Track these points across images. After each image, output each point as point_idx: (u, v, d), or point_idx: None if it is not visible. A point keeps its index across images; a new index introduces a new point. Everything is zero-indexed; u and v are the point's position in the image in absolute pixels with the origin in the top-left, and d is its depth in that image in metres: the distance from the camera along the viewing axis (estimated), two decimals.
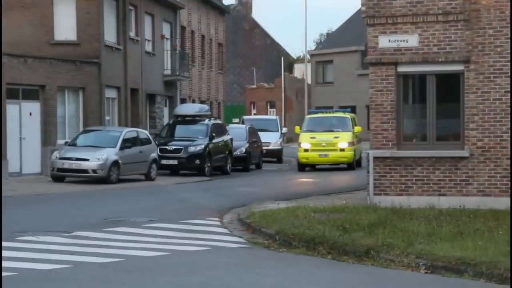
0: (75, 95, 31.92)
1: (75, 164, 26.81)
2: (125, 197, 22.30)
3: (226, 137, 33.20)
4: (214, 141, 31.90)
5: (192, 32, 45.73)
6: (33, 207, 19.56)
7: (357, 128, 33.98)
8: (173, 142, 31.42)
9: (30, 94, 29.51)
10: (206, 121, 32.98)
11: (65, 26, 32.02)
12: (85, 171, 26.88)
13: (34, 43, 31.63)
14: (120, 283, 10.03)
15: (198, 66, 46.76)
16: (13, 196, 22.38)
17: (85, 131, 29.54)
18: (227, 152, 32.93)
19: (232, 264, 11.69)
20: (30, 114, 29.37)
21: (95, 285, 9.85)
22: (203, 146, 31.08)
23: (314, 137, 33.07)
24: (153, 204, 20.03)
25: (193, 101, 44.46)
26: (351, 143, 33.09)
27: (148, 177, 29.01)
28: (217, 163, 32.22)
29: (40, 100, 29.84)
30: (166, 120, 39.67)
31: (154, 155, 29.46)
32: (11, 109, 28.41)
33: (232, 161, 33.39)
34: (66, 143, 28.67)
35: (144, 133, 30.32)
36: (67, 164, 26.83)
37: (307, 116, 35.88)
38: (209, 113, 35.38)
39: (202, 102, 45.23)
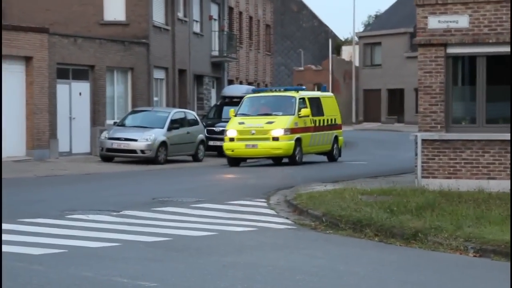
0: (124, 76, 32.16)
1: (123, 144, 27.07)
2: (172, 177, 22.45)
3: None
4: None
5: (240, 13, 45.70)
6: (83, 186, 19.80)
7: (304, 111, 26.66)
8: (221, 123, 31.51)
9: (80, 74, 29.82)
10: None
11: (115, 6, 32.24)
12: (133, 151, 27.13)
13: (84, 23, 31.91)
14: (168, 262, 10.11)
15: (246, 48, 46.74)
16: (64, 175, 22.71)
17: (133, 112, 29.79)
18: None
19: (279, 245, 11.71)
20: (80, 94, 29.68)
21: (143, 264, 9.95)
22: None
23: (243, 123, 26.39)
24: (200, 185, 20.13)
25: (241, 83, 44.49)
26: (290, 131, 26.05)
27: (195, 158, 29.16)
28: None
29: (90, 80, 30.14)
30: (213, 101, 39.79)
31: (201, 136, 29.59)
32: (61, 89, 28.74)
33: None
34: (115, 123, 28.97)
35: (191, 114, 30.48)
36: (115, 144, 27.11)
37: (246, 96, 28.90)
38: None
39: (249, 83, 45.25)
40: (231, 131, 26.25)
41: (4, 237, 11.46)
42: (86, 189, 19.05)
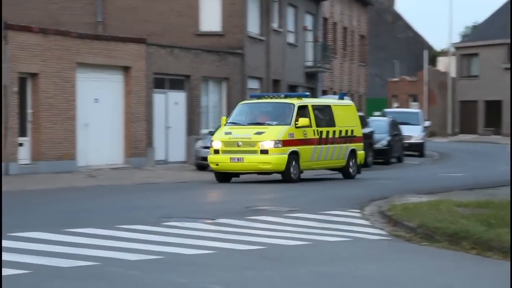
0: (219, 86, 32.50)
1: None
2: (264, 187, 22.53)
3: (366, 130, 32.98)
4: None
5: (335, 23, 45.65)
6: (178, 194, 20.09)
7: (302, 121, 23.03)
8: None
9: (176, 83, 30.29)
10: None
11: (211, 18, 32.66)
12: None
13: (180, 34, 32.42)
14: (262, 270, 10.15)
15: (340, 58, 46.64)
16: (160, 183, 23.08)
17: None
18: (367, 144, 32.70)
19: (373, 256, 11.62)
20: (176, 103, 30.13)
21: (238, 271, 10.01)
22: None
23: (229, 133, 23.06)
24: (294, 194, 20.15)
25: (334, 93, 44.38)
26: (283, 143, 22.59)
27: None
28: None
29: (185, 90, 30.56)
30: None
31: None
32: (158, 98, 29.25)
33: (372, 153, 33.17)
34: (209, 132, 29.28)
35: None
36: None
37: (240, 103, 25.60)
38: None
39: None
40: (216, 142, 23.03)
41: (102, 242, 11.73)
42: (181, 197, 19.30)
